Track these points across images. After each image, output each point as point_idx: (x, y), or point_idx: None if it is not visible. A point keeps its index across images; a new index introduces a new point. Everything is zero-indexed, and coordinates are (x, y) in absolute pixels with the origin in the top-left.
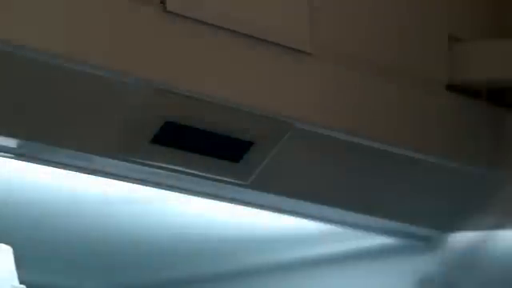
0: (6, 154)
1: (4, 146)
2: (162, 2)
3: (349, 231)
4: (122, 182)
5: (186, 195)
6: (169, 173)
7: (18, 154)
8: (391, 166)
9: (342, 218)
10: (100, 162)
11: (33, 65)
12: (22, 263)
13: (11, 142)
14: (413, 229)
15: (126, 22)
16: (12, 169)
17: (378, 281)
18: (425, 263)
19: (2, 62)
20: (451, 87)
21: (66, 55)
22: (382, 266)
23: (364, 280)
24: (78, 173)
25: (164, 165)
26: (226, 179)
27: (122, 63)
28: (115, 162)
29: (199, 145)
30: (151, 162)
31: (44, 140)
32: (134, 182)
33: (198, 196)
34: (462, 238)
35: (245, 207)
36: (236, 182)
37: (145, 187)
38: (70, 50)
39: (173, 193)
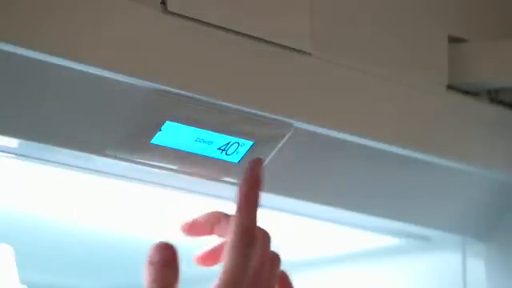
0: (5, 154)
1: (4, 146)
2: (162, 3)
3: (349, 231)
4: (122, 182)
5: (186, 195)
6: (169, 173)
7: (18, 154)
8: (391, 166)
9: (343, 218)
10: (100, 162)
11: (33, 65)
12: (22, 263)
13: (11, 142)
14: (413, 229)
15: (126, 23)
16: (12, 169)
17: (378, 281)
18: (425, 263)
19: (2, 62)
20: (451, 87)
21: (67, 55)
22: (382, 266)
23: (364, 280)
24: (78, 173)
25: (164, 165)
26: (226, 179)
27: (122, 63)
28: (115, 161)
29: (199, 145)
30: (151, 162)
31: (44, 140)
32: (134, 182)
33: (198, 196)
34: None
35: None
36: (236, 182)
37: (144, 187)
38: (70, 50)
39: (173, 193)
